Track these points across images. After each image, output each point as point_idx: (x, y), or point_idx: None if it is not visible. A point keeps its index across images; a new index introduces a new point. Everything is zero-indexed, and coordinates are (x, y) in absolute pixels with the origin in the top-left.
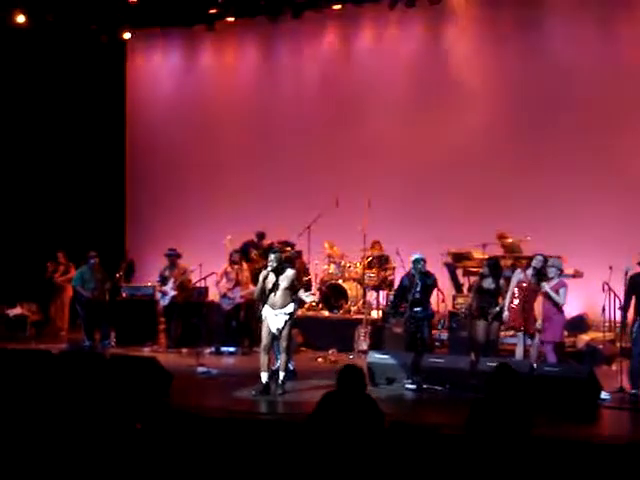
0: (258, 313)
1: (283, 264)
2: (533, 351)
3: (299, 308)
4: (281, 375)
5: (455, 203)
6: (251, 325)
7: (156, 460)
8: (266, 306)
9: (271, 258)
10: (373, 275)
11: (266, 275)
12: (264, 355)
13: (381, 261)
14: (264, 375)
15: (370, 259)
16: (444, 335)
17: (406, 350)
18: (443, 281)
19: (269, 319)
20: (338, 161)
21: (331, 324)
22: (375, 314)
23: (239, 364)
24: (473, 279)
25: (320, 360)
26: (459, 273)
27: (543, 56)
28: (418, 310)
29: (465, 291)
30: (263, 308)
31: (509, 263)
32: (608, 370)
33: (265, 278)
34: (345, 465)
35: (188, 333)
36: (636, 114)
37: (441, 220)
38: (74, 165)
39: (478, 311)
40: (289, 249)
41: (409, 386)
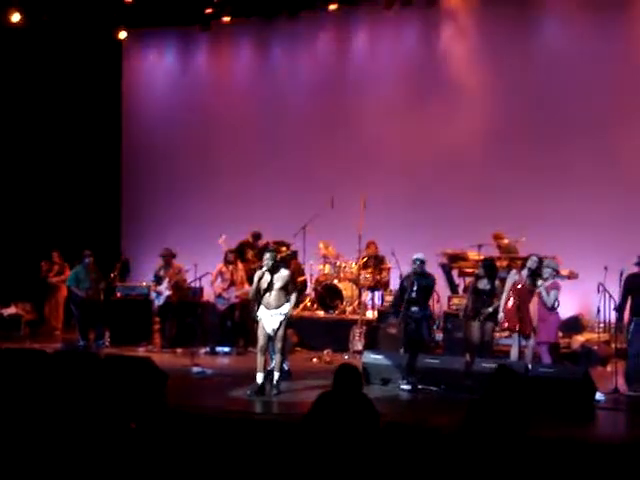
0: (253, 313)
1: (278, 264)
2: (528, 352)
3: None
4: (275, 375)
5: (451, 204)
6: (246, 325)
7: (151, 460)
8: (261, 307)
9: (266, 257)
10: (368, 275)
11: (261, 275)
12: (260, 356)
13: (376, 261)
14: (259, 376)
15: (365, 259)
16: (439, 336)
17: (404, 350)
18: (438, 282)
19: (264, 320)
20: (333, 161)
21: (326, 324)
22: (370, 314)
23: (234, 364)
24: (468, 280)
25: (315, 360)
26: (454, 274)
27: (540, 56)
28: (415, 310)
29: (460, 292)
30: (259, 309)
31: (505, 264)
32: (603, 371)
33: (260, 278)
34: (340, 465)
35: (183, 333)
36: (634, 115)
37: (436, 221)
38: (69, 164)
39: (473, 312)
40: (284, 249)
41: (404, 387)
